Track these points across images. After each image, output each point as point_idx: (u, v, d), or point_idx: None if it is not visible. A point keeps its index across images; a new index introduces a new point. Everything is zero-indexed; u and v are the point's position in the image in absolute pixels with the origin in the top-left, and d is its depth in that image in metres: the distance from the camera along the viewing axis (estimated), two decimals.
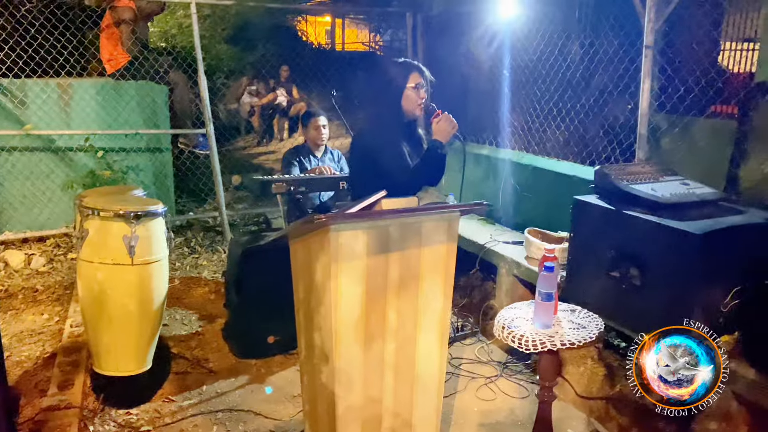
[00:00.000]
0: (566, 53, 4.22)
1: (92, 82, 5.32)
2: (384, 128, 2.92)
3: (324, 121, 4.25)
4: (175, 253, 5.22)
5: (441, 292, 2.17)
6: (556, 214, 3.91)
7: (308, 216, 1.87)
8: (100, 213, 2.85)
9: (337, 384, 2.08)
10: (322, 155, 4.28)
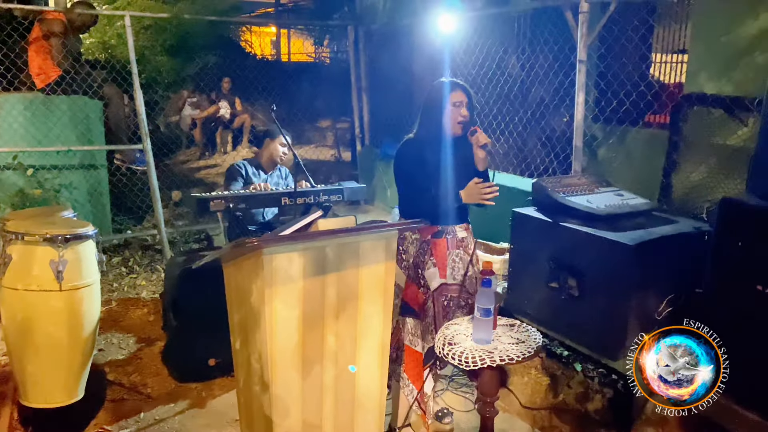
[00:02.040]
0: (504, 67, 4.29)
1: (20, 96, 5.09)
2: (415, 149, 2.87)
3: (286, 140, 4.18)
4: (112, 273, 5.04)
5: (381, 312, 2.15)
6: (498, 225, 3.93)
7: (239, 239, 1.81)
8: (25, 237, 2.72)
9: (274, 411, 2.02)
10: (271, 172, 4.21)
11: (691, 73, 3.39)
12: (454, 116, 2.80)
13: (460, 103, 2.80)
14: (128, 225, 6.11)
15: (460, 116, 2.80)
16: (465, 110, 2.81)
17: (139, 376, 3.53)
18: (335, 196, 3.89)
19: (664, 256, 2.78)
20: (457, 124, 2.80)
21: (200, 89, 9.03)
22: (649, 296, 2.78)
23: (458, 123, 2.80)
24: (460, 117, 2.80)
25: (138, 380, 3.48)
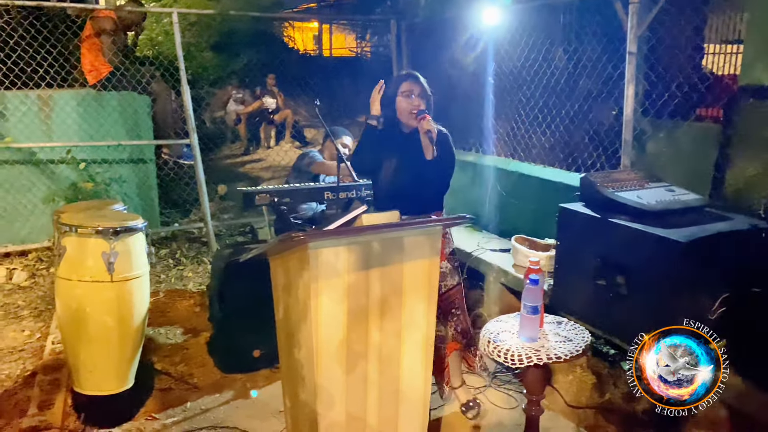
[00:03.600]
0: (550, 59, 4.21)
1: (73, 93, 5.25)
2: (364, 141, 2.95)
3: (349, 141, 4.26)
4: (160, 265, 5.16)
5: (425, 307, 2.14)
6: (543, 221, 3.89)
7: (286, 234, 1.83)
8: (78, 229, 2.80)
9: (319, 402, 2.03)
10: None
11: (746, 64, 3.25)
12: (404, 106, 2.83)
13: (410, 92, 2.82)
14: (175, 218, 6.25)
15: (411, 106, 2.81)
16: (417, 100, 2.81)
17: (185, 366, 3.61)
18: None
19: (717, 254, 2.68)
20: (409, 113, 2.82)
21: (245, 85, 9.15)
22: (701, 295, 2.69)
23: (410, 113, 2.81)
24: (411, 107, 2.81)
25: (184, 370, 3.55)
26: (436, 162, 2.78)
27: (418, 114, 2.77)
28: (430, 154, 2.74)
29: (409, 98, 2.82)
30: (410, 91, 2.82)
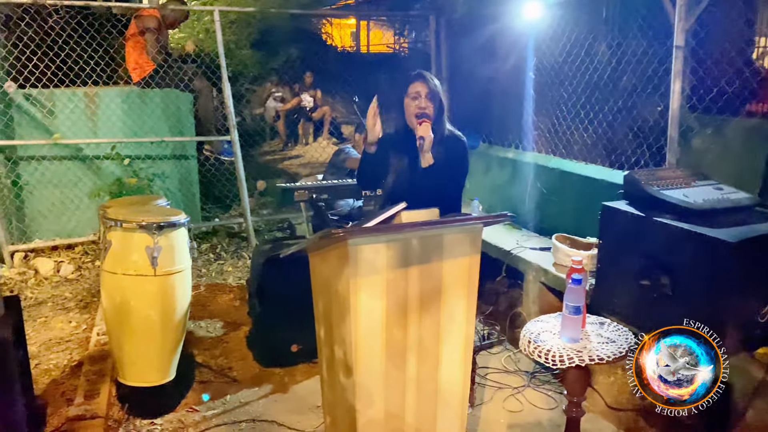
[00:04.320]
0: (593, 54, 4.12)
1: (118, 90, 5.38)
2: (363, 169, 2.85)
3: None
4: (200, 260, 5.25)
5: (464, 306, 2.12)
6: (584, 219, 3.81)
7: (325, 230, 1.83)
8: (123, 224, 2.86)
9: (358, 399, 2.04)
10: None
11: None
12: (411, 109, 2.69)
13: (417, 94, 2.68)
14: (216, 213, 6.35)
15: (417, 108, 2.66)
16: (424, 101, 2.66)
17: (225, 359, 3.66)
18: None
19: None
20: (414, 117, 2.67)
21: (283, 82, 9.23)
22: (750, 297, 2.60)
23: (415, 116, 2.66)
24: (417, 109, 2.66)
25: (224, 363, 3.61)
26: (435, 170, 2.62)
27: (418, 117, 2.65)
28: (424, 161, 2.60)
29: (416, 100, 2.68)
30: (417, 93, 2.69)
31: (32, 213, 5.18)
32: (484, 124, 5.43)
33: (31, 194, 5.14)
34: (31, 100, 5.00)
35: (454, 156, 2.71)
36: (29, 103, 5.00)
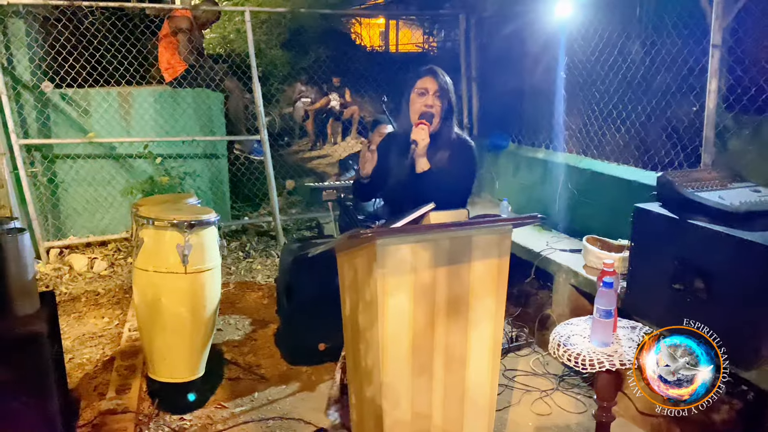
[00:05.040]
0: (626, 53, 4.05)
1: (151, 90, 5.47)
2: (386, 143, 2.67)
3: (390, 129, 4.25)
4: (230, 258, 5.30)
5: (493, 308, 2.10)
6: (616, 220, 3.75)
7: (354, 230, 1.83)
8: (155, 222, 2.91)
9: (384, 399, 2.03)
10: None
11: None
12: (416, 106, 2.48)
13: (425, 90, 2.47)
14: (246, 212, 6.42)
15: (424, 106, 2.46)
16: (432, 99, 2.46)
17: (253, 356, 3.69)
18: None
19: None
20: (417, 116, 2.46)
21: (313, 81, 9.28)
22: None
23: (418, 115, 2.46)
24: (424, 107, 2.46)
25: (252, 361, 3.64)
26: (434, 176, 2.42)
27: (420, 117, 2.45)
28: (418, 166, 2.40)
29: (423, 96, 2.48)
30: (425, 89, 2.48)
31: (67, 210, 5.30)
32: (514, 124, 5.38)
33: (66, 192, 5.26)
34: (66, 100, 5.11)
35: (460, 162, 2.50)
36: (65, 102, 5.11)
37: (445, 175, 2.41)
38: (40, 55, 5.06)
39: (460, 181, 2.49)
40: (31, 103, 4.99)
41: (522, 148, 5.27)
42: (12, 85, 4.87)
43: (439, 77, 2.49)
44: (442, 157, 2.45)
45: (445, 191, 2.36)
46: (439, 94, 2.47)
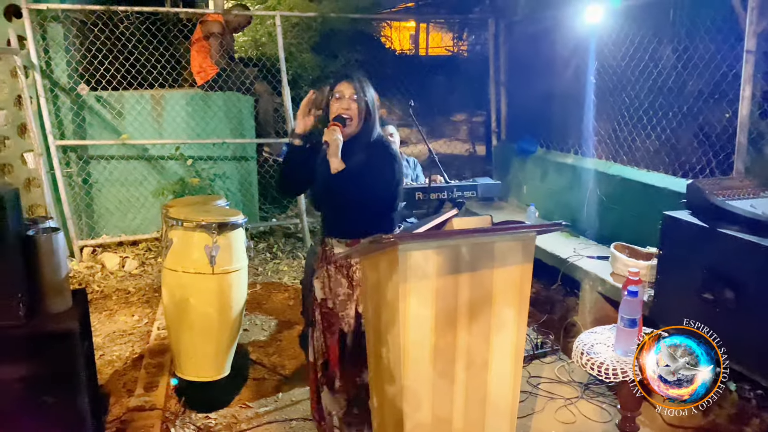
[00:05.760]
0: (658, 58, 3.99)
1: (183, 93, 5.57)
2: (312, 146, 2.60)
3: (392, 130, 4.22)
4: (257, 259, 5.37)
5: (515, 315, 2.09)
6: (645, 228, 3.70)
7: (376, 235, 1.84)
8: (184, 223, 2.96)
9: (405, 402, 2.04)
10: None
11: None
12: (333, 109, 2.45)
13: (341, 94, 2.44)
14: (273, 213, 6.49)
15: (339, 109, 2.42)
16: (347, 103, 2.42)
17: (278, 357, 3.73)
18: (469, 193, 3.86)
19: None
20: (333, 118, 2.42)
21: None
22: None
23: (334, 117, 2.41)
24: (339, 110, 2.41)
25: (277, 361, 3.68)
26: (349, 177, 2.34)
27: (333, 119, 2.40)
28: (332, 166, 2.34)
29: (339, 101, 2.44)
30: (341, 93, 2.44)
31: (100, 210, 5.42)
32: (542, 129, 5.35)
33: (100, 192, 5.39)
34: (101, 102, 5.24)
35: (377, 164, 2.43)
36: (100, 104, 5.24)
37: (361, 176, 2.36)
38: (76, 58, 5.19)
39: (377, 183, 2.42)
40: (68, 105, 5.13)
41: (550, 153, 5.24)
42: (50, 87, 5.01)
43: (354, 82, 2.48)
44: (359, 159, 2.39)
45: (361, 191, 2.36)
46: (355, 98, 2.44)
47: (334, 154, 2.34)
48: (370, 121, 2.49)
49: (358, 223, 2.43)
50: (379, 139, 2.53)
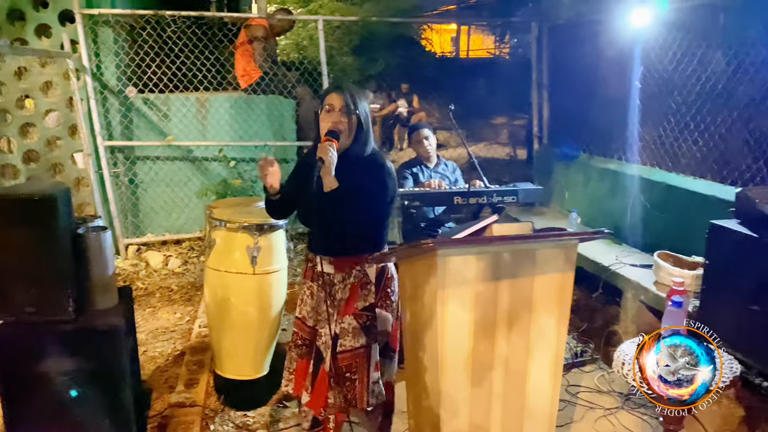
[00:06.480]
0: (707, 63, 3.89)
1: (227, 96, 5.67)
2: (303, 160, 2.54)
3: (427, 133, 4.20)
4: (296, 260, 5.42)
5: (555, 323, 2.07)
6: (690, 236, 3.61)
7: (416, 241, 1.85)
8: (227, 224, 3.02)
9: (443, 409, 2.04)
10: (435, 166, 4.25)
11: None
12: (324, 123, 2.33)
13: (331, 107, 2.31)
14: None
15: (331, 123, 2.29)
16: (337, 116, 2.29)
17: None
18: (509, 198, 3.82)
19: None
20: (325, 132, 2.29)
21: (381, 88, 9.37)
22: None
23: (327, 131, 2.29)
24: (330, 124, 2.29)
25: None
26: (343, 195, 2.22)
27: (326, 134, 2.28)
28: (325, 184, 2.20)
29: (330, 114, 2.33)
30: (331, 106, 2.32)
31: (145, 209, 5.56)
32: (585, 134, 5.27)
33: (145, 192, 5.53)
34: (148, 104, 5.38)
35: (370, 182, 2.32)
36: (147, 106, 5.38)
37: (354, 194, 2.24)
38: (125, 61, 5.35)
39: (371, 201, 2.33)
40: (116, 106, 5.28)
41: (593, 159, 5.15)
42: (100, 89, 5.17)
43: (345, 93, 2.34)
44: (352, 176, 2.25)
45: (354, 210, 2.26)
46: (345, 111, 2.32)
47: (328, 172, 2.20)
48: (362, 135, 2.37)
49: (348, 241, 2.37)
50: (374, 154, 2.41)
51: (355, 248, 2.38)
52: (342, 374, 2.37)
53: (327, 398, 2.41)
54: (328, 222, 2.28)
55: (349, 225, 2.32)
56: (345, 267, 2.39)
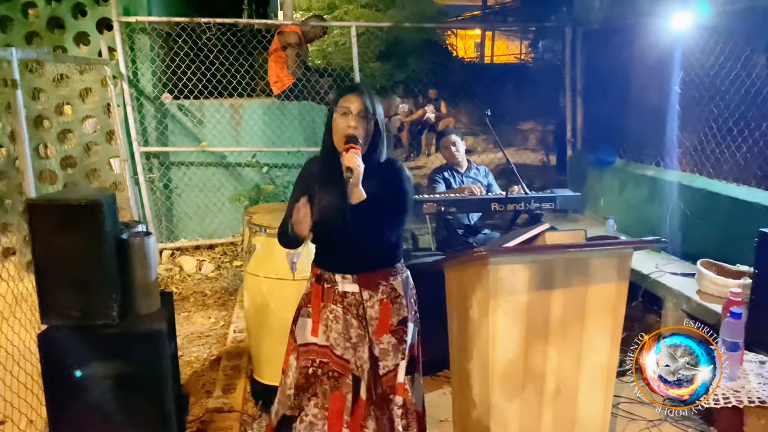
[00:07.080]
0: (750, 67, 3.81)
1: (260, 102, 5.71)
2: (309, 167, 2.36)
3: (455, 138, 4.18)
4: None
5: (608, 335, 2.03)
6: (733, 244, 3.53)
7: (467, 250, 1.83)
8: (267, 230, 3.03)
9: (492, 420, 2.01)
10: (466, 171, 4.22)
11: None
12: (339, 126, 2.13)
13: (347, 109, 2.12)
14: None
15: (348, 127, 2.11)
16: (354, 120, 2.11)
17: None
18: (547, 204, 3.77)
19: None
20: (341, 138, 2.12)
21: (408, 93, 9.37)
22: None
23: (343, 138, 2.11)
24: (348, 129, 2.11)
25: None
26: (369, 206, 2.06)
27: (347, 141, 2.10)
28: (353, 197, 2.04)
29: (346, 117, 2.13)
30: (348, 109, 2.13)
31: (179, 214, 5.61)
32: (620, 139, 5.19)
33: (180, 197, 5.58)
34: (183, 111, 5.43)
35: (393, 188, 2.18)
36: (182, 113, 5.44)
37: (379, 204, 2.09)
38: (161, 68, 5.41)
39: (395, 210, 2.18)
40: (152, 113, 5.35)
41: (630, 165, 5.07)
42: (136, 96, 5.24)
43: (364, 95, 2.16)
44: (371, 184, 2.10)
45: (380, 221, 2.12)
46: (363, 115, 2.14)
47: (357, 183, 2.03)
48: (379, 141, 2.20)
49: (374, 254, 2.20)
50: (388, 159, 2.27)
51: (380, 262, 2.22)
52: (386, 396, 2.17)
53: (363, 428, 2.18)
54: (351, 236, 2.10)
55: (374, 238, 2.15)
56: (371, 283, 2.18)
